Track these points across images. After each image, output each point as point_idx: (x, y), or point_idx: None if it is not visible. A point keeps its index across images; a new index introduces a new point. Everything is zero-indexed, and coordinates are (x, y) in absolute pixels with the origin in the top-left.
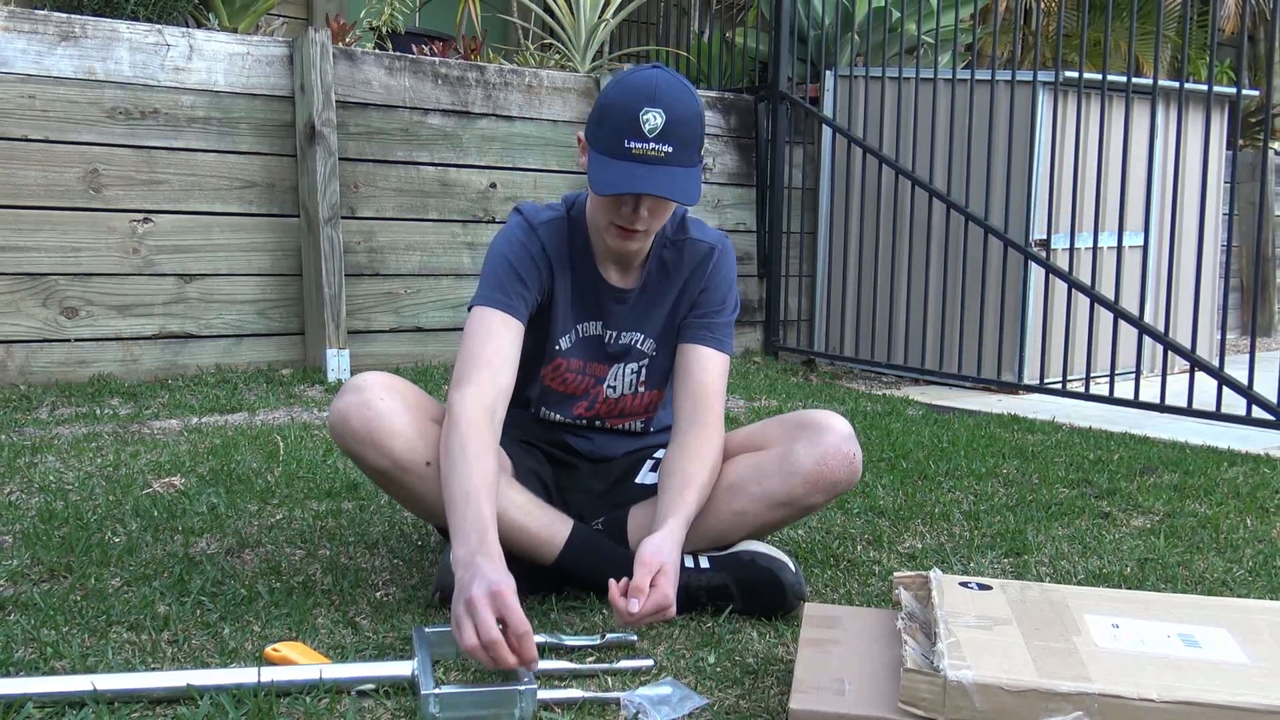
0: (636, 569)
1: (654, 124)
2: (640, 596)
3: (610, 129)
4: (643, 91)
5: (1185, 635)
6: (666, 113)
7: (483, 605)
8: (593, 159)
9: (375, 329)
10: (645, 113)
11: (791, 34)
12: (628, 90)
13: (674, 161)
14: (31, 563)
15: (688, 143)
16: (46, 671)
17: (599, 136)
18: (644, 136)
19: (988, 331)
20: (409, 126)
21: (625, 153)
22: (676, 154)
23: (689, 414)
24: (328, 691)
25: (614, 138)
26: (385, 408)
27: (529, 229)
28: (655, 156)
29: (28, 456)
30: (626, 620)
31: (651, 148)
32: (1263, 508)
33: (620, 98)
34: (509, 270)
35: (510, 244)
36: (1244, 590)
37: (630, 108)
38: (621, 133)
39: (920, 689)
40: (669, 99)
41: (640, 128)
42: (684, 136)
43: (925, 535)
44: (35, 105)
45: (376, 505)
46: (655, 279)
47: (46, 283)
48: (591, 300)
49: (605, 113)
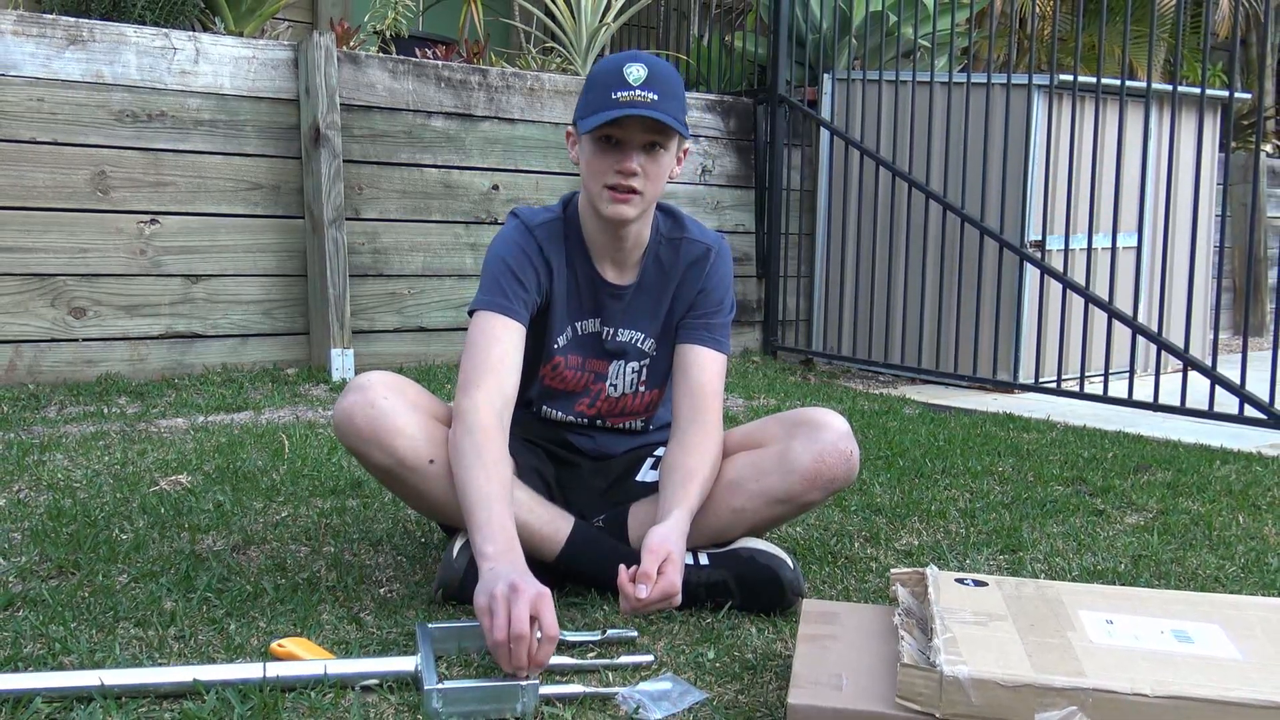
0: (644, 556)
1: (638, 75)
2: (648, 583)
3: (595, 91)
4: (623, 57)
5: (1178, 631)
6: (649, 67)
7: (524, 600)
8: (582, 126)
9: (379, 329)
10: (628, 67)
11: (790, 38)
12: (608, 61)
13: (661, 109)
14: (40, 559)
15: (672, 95)
16: (55, 667)
17: (584, 104)
18: (629, 85)
19: (983, 331)
20: (412, 129)
21: (613, 103)
22: (663, 102)
23: (688, 413)
24: (332, 687)
25: (600, 94)
26: (389, 406)
27: (525, 231)
28: (642, 101)
29: (36, 455)
30: (634, 606)
31: (638, 94)
32: (1255, 505)
33: (603, 66)
34: (507, 273)
35: (507, 246)
36: (1236, 587)
37: (612, 66)
38: (607, 88)
39: (917, 684)
40: (649, 59)
41: (625, 79)
42: (668, 90)
43: (922, 532)
44: (44, 108)
45: (380, 503)
46: (652, 276)
47: (55, 283)
48: (589, 297)
49: (589, 83)
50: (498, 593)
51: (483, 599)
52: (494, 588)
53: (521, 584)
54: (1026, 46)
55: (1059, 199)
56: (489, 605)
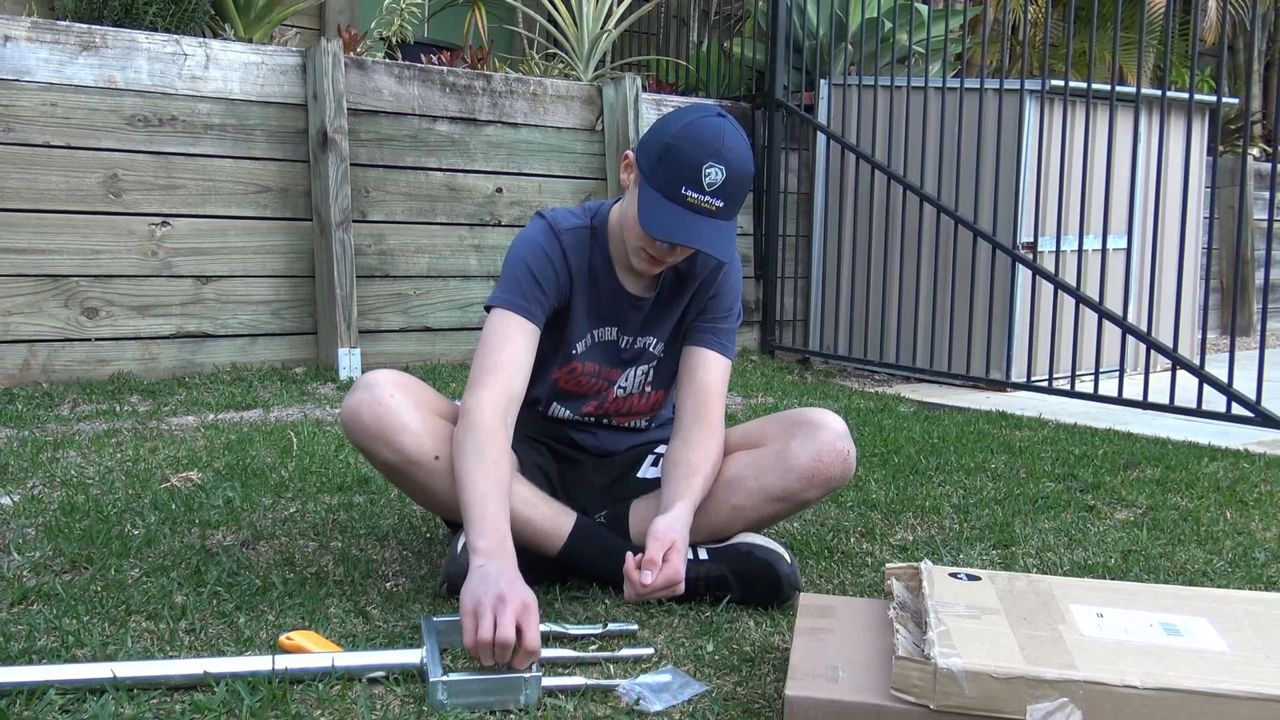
0: (650, 543)
1: (714, 179)
2: (654, 569)
3: (671, 172)
4: (710, 145)
5: (1167, 624)
6: (728, 169)
7: (510, 611)
8: (645, 192)
9: (385, 329)
10: (709, 166)
11: (787, 44)
12: (696, 139)
13: (722, 215)
14: (54, 554)
15: (736, 199)
16: (68, 659)
17: (657, 173)
18: (702, 189)
19: (977, 331)
20: (418, 133)
21: (680, 198)
22: (725, 209)
23: (692, 412)
24: (339, 679)
25: (673, 182)
26: (395, 404)
27: (552, 234)
28: (706, 209)
29: (50, 452)
30: (639, 592)
31: (706, 200)
32: (1242, 501)
33: (687, 146)
34: (528, 275)
35: (531, 248)
36: (1224, 581)
37: (696, 158)
38: (681, 179)
39: (911, 676)
40: (732, 155)
41: (700, 179)
42: (735, 194)
43: (916, 528)
44: (57, 113)
45: (387, 499)
46: (670, 287)
47: (68, 284)
48: (609, 306)
49: (670, 154)
50: (485, 602)
51: (469, 602)
52: (482, 596)
53: (509, 593)
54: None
55: (1050, 202)
56: (474, 609)
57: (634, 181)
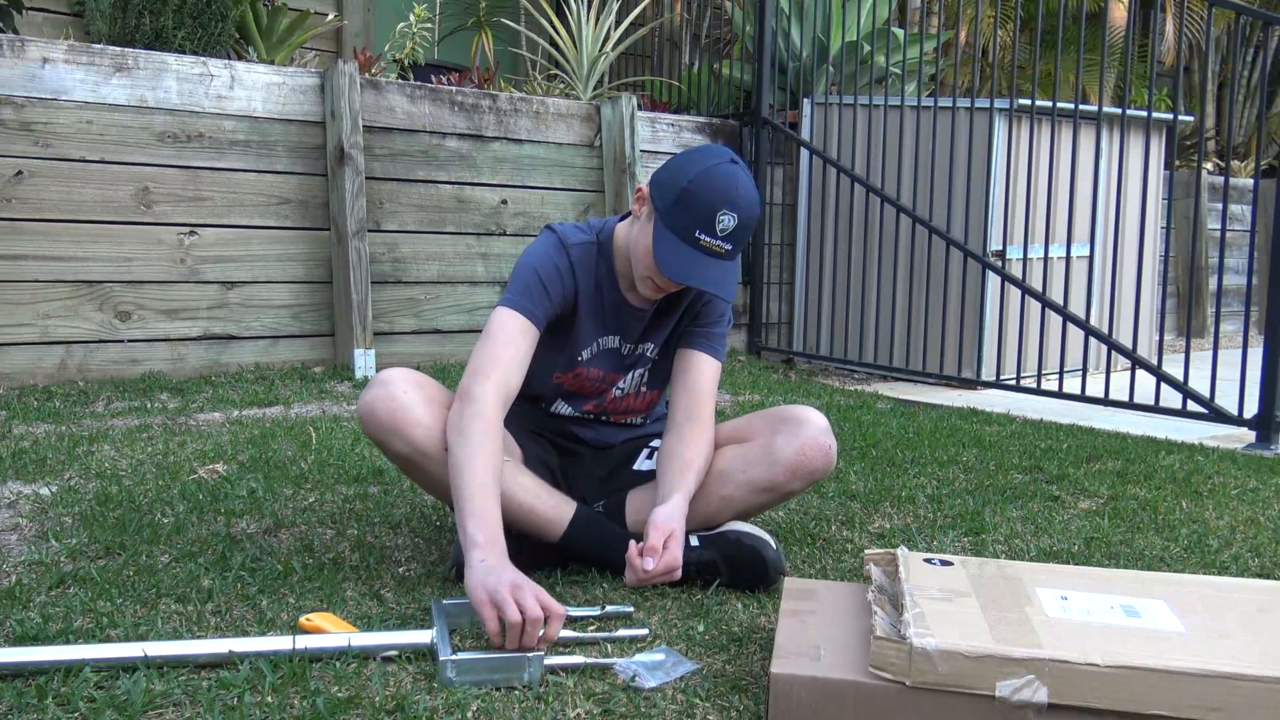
0: (650, 532)
1: (726, 225)
2: (655, 556)
3: (687, 216)
4: (725, 193)
5: (1127, 606)
6: (739, 216)
7: (529, 592)
8: (660, 232)
9: (398, 331)
10: (723, 214)
11: (773, 65)
12: (713, 187)
13: (729, 257)
14: (89, 541)
15: (742, 242)
16: (102, 639)
17: (672, 215)
18: (715, 234)
19: (949, 333)
20: (428, 149)
21: (694, 241)
22: (733, 251)
23: (684, 410)
24: (355, 657)
25: (689, 226)
26: (408, 400)
27: (560, 248)
28: (717, 252)
29: (85, 446)
30: (640, 577)
31: (717, 244)
32: (1196, 492)
33: (703, 193)
34: (537, 282)
35: (541, 259)
36: (1180, 566)
37: (711, 205)
38: (697, 224)
39: (889, 654)
40: (744, 204)
41: (714, 226)
42: (742, 238)
43: (893, 516)
44: (92, 130)
45: (400, 489)
46: (668, 298)
47: (102, 289)
48: (612, 317)
49: (685, 199)
50: (503, 591)
51: (482, 593)
52: (497, 585)
53: (519, 579)
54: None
55: (1018, 212)
56: (491, 599)
57: (646, 216)
